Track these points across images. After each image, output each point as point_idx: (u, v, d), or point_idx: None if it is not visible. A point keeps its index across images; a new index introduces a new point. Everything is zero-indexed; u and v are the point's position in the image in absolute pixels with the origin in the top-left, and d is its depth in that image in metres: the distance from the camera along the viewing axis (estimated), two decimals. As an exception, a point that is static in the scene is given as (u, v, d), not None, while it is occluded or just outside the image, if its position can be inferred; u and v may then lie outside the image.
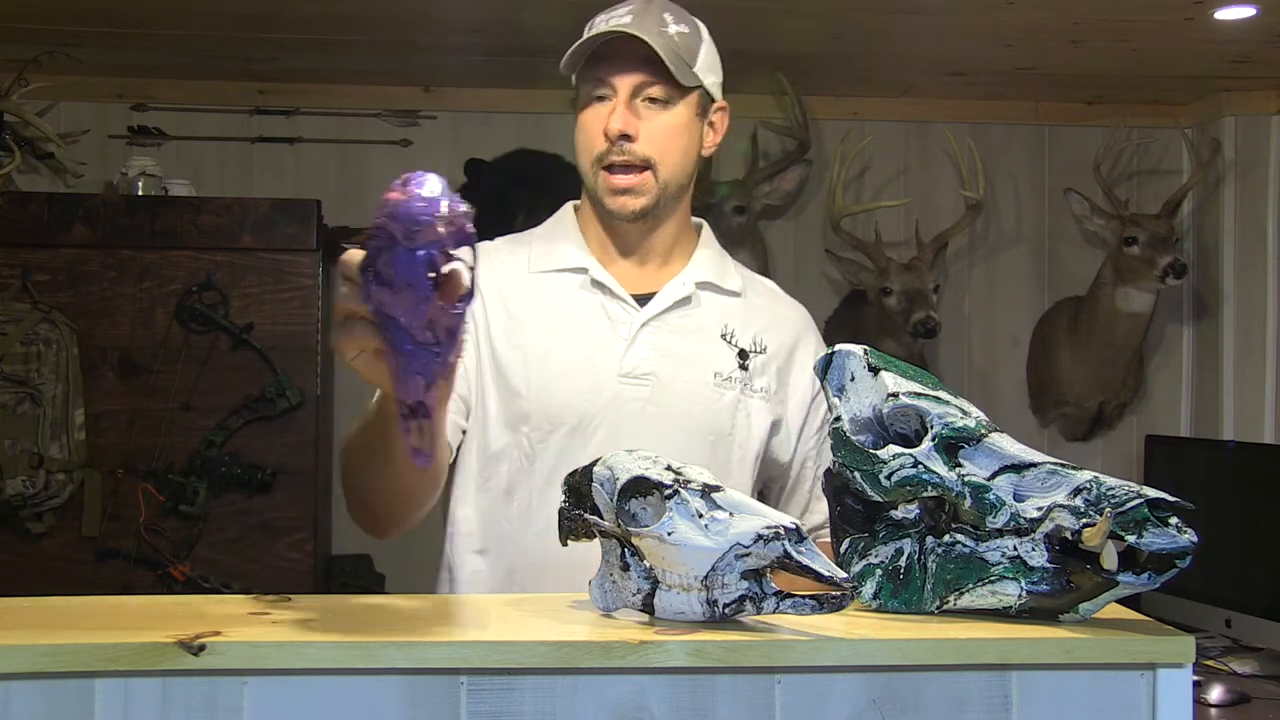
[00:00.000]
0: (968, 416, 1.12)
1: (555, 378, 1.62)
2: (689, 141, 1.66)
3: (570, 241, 1.71)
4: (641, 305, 1.66)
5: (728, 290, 1.72)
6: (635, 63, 1.60)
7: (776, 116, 3.57)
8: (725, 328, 1.69)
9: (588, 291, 1.67)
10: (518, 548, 1.63)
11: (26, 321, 2.95)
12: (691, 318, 1.68)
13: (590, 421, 1.60)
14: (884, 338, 3.44)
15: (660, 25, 1.61)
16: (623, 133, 1.59)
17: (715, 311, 1.70)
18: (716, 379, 1.65)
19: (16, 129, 3.16)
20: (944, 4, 2.78)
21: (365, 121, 3.62)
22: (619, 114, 1.60)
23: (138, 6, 2.84)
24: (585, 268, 1.67)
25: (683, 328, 1.67)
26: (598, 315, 1.65)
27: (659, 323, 1.66)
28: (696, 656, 1.02)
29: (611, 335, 1.64)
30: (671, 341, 1.65)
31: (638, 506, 1.09)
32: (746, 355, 1.68)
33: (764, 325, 1.72)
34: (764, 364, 1.69)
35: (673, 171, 1.64)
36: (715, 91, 1.69)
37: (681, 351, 1.65)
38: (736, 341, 1.68)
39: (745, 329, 1.70)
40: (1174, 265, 3.34)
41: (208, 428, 3.04)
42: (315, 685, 1.02)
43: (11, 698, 1.00)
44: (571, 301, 1.66)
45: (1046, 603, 1.09)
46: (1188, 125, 3.75)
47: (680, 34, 1.62)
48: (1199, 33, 2.92)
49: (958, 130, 3.63)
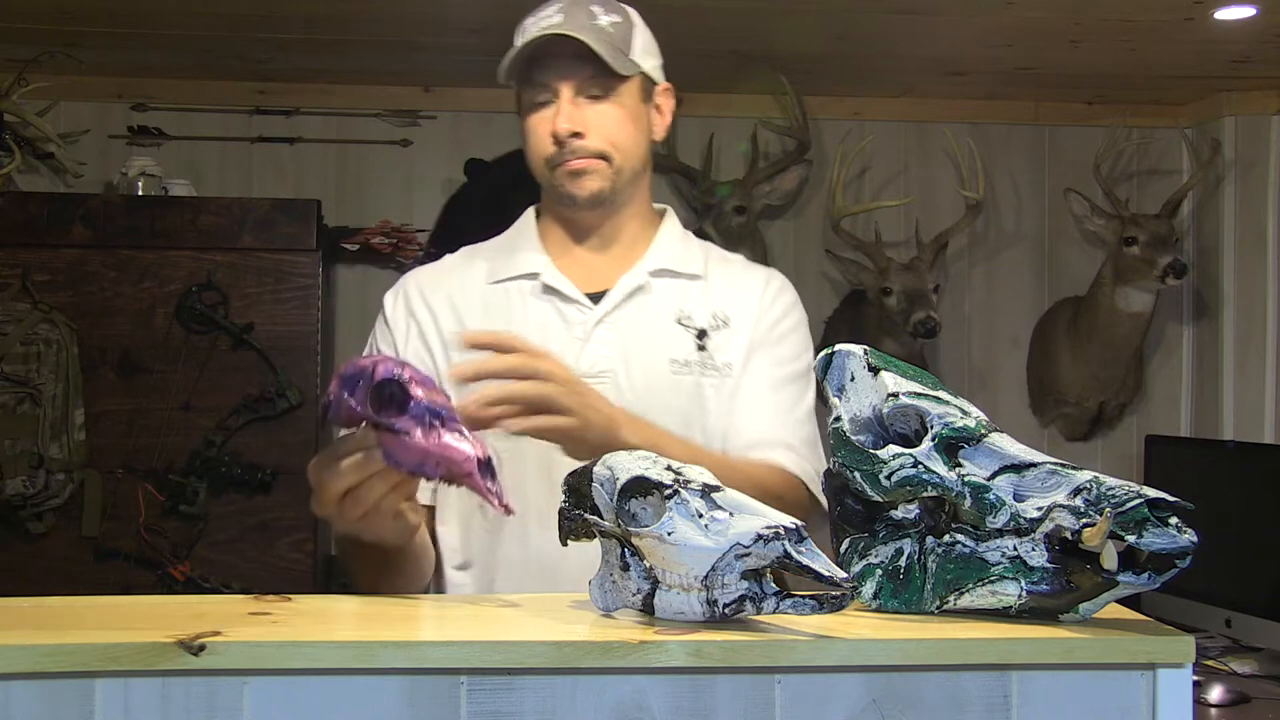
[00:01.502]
0: (968, 416, 1.12)
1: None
2: (637, 129, 1.65)
3: (527, 247, 1.71)
4: (597, 303, 1.66)
5: (686, 274, 1.70)
6: (572, 61, 1.59)
7: (776, 116, 3.57)
8: (681, 311, 1.67)
9: (541, 297, 1.66)
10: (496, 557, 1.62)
11: (26, 321, 2.95)
12: (646, 308, 1.66)
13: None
14: (884, 338, 3.45)
15: (590, 19, 1.60)
16: (572, 132, 1.60)
17: (670, 297, 1.68)
18: (674, 366, 1.63)
19: (16, 129, 3.17)
20: (944, 4, 2.78)
21: (365, 121, 3.62)
22: (564, 114, 1.60)
23: (138, 6, 2.85)
24: (537, 272, 1.67)
25: (638, 319, 1.65)
26: (553, 319, 1.65)
27: (613, 318, 1.65)
28: (696, 656, 1.02)
29: (567, 337, 1.63)
30: (627, 335, 1.64)
31: (638, 506, 1.09)
32: (705, 334, 1.66)
33: (727, 299, 1.69)
34: (728, 338, 1.66)
35: (626, 159, 1.64)
36: (657, 75, 1.68)
37: (638, 344, 1.64)
38: (693, 323, 1.66)
39: (703, 308, 1.67)
40: (1174, 265, 3.34)
41: (208, 428, 3.04)
42: (315, 685, 1.02)
43: (11, 698, 1.00)
44: (527, 308, 1.66)
45: (1046, 603, 1.09)
46: (1188, 125, 3.75)
47: (613, 24, 1.62)
48: (1199, 33, 2.92)
49: (958, 130, 3.63)
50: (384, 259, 3.47)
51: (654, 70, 1.68)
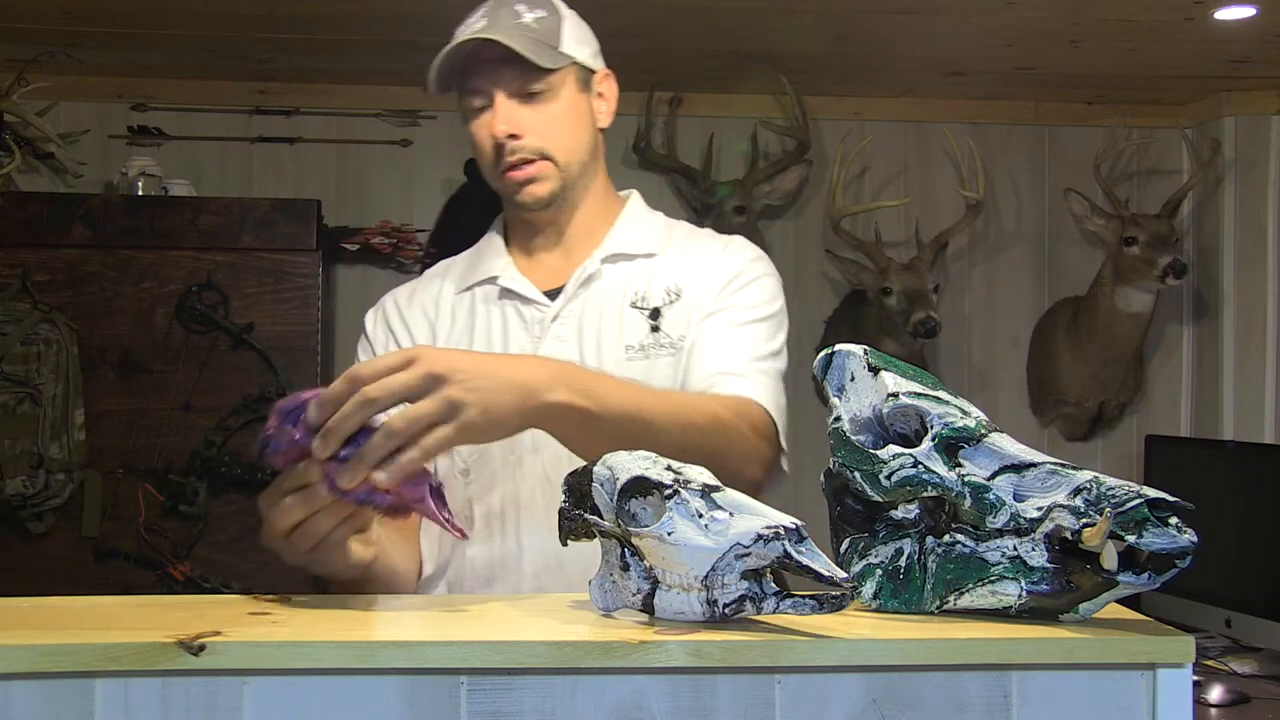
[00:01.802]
0: (968, 416, 1.12)
1: None
2: (578, 121, 1.65)
3: (491, 253, 1.72)
4: (555, 299, 1.66)
5: (640, 254, 1.68)
6: (499, 64, 1.59)
7: (776, 116, 3.57)
8: (635, 294, 1.65)
9: (501, 300, 1.67)
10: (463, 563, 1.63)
11: (26, 321, 2.95)
12: (598, 296, 1.65)
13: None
14: (884, 338, 3.45)
15: (514, 19, 1.60)
16: (509, 134, 1.59)
17: (623, 281, 1.66)
18: (629, 352, 1.61)
19: (16, 129, 3.17)
20: (944, 4, 2.78)
21: (365, 121, 3.62)
22: (500, 117, 1.60)
23: (138, 6, 2.85)
24: (496, 276, 1.68)
25: (592, 310, 1.64)
26: (513, 321, 1.66)
27: (569, 313, 1.64)
28: (696, 656, 1.02)
29: (527, 338, 1.64)
30: (583, 328, 1.63)
31: (638, 506, 1.09)
32: (658, 313, 1.63)
33: (680, 270, 1.66)
34: (681, 310, 1.63)
35: (569, 154, 1.63)
36: (593, 62, 1.67)
37: (593, 335, 1.63)
38: (647, 303, 1.64)
39: (656, 285, 1.65)
40: (1174, 265, 3.34)
41: (208, 428, 3.05)
42: (315, 685, 1.02)
43: (11, 698, 1.00)
44: (490, 313, 1.67)
45: (1046, 603, 1.09)
46: (1188, 125, 3.76)
47: (537, 19, 1.61)
48: (1199, 33, 2.92)
49: (958, 130, 3.63)
50: (384, 259, 3.47)
51: (589, 58, 1.67)
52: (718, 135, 3.63)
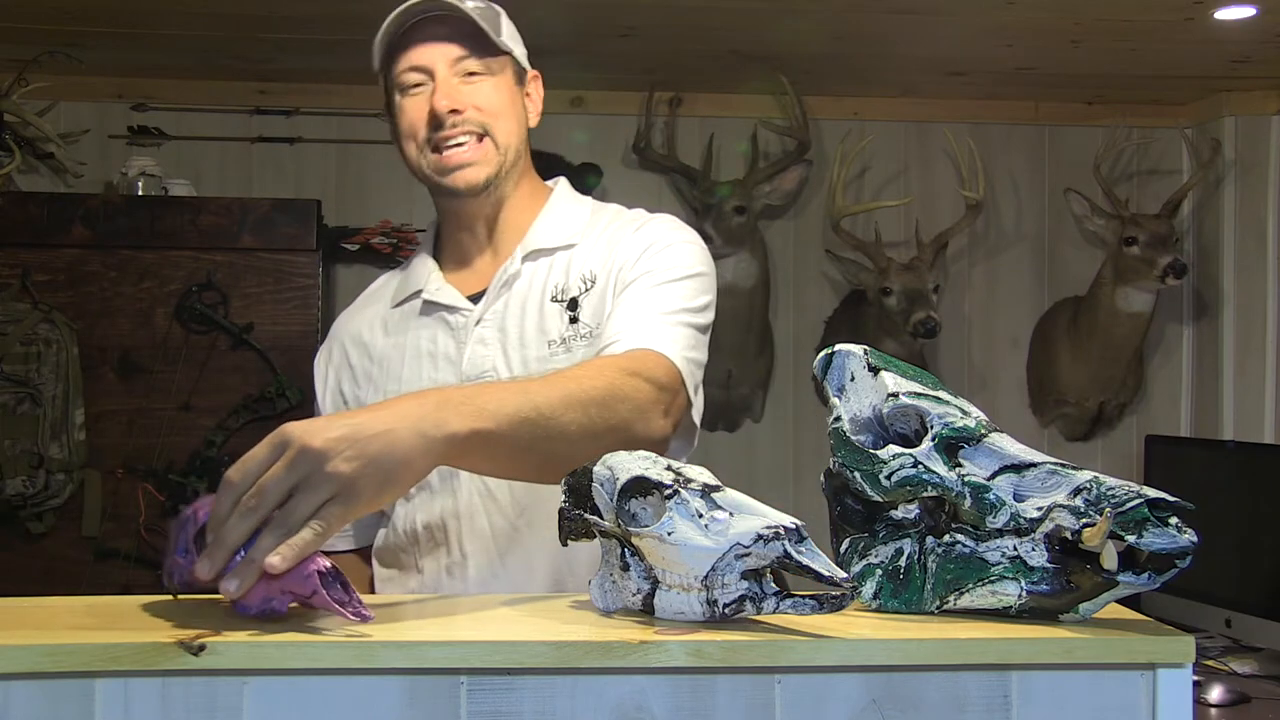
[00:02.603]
0: (968, 416, 1.12)
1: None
2: (516, 108, 1.64)
3: (419, 264, 1.71)
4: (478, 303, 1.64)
5: (560, 246, 1.65)
6: (445, 40, 1.57)
7: (776, 116, 3.57)
8: (555, 288, 1.62)
9: (428, 312, 1.67)
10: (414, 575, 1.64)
11: (26, 321, 2.95)
12: (519, 295, 1.63)
13: None
14: (884, 338, 3.45)
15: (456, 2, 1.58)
16: (451, 108, 1.56)
17: (541, 276, 1.64)
18: (551, 347, 1.59)
19: (16, 129, 3.17)
20: (944, 4, 2.78)
21: (365, 121, 3.62)
22: (442, 90, 1.57)
23: (138, 6, 2.85)
24: (421, 289, 1.67)
25: (514, 309, 1.63)
26: (441, 332, 1.65)
27: (491, 315, 1.63)
28: (696, 656, 1.02)
29: (453, 345, 1.63)
30: (505, 328, 1.62)
31: (638, 506, 1.09)
32: (576, 303, 1.61)
33: (595, 255, 1.63)
34: (596, 295, 1.60)
35: (508, 137, 1.62)
36: (525, 62, 1.67)
37: (515, 334, 1.61)
38: (565, 295, 1.61)
39: (573, 274, 1.62)
40: (1174, 265, 3.34)
41: (208, 428, 3.05)
42: (315, 685, 1.02)
43: (11, 698, 1.00)
44: (419, 325, 1.67)
45: (1046, 603, 1.09)
46: (1188, 125, 3.76)
47: (477, 7, 1.60)
48: (1199, 33, 2.92)
49: (958, 130, 3.63)
50: (384, 259, 3.47)
51: (522, 58, 1.66)
52: (718, 135, 3.63)
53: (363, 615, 1.05)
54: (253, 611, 1.09)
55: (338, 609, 1.05)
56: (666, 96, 3.64)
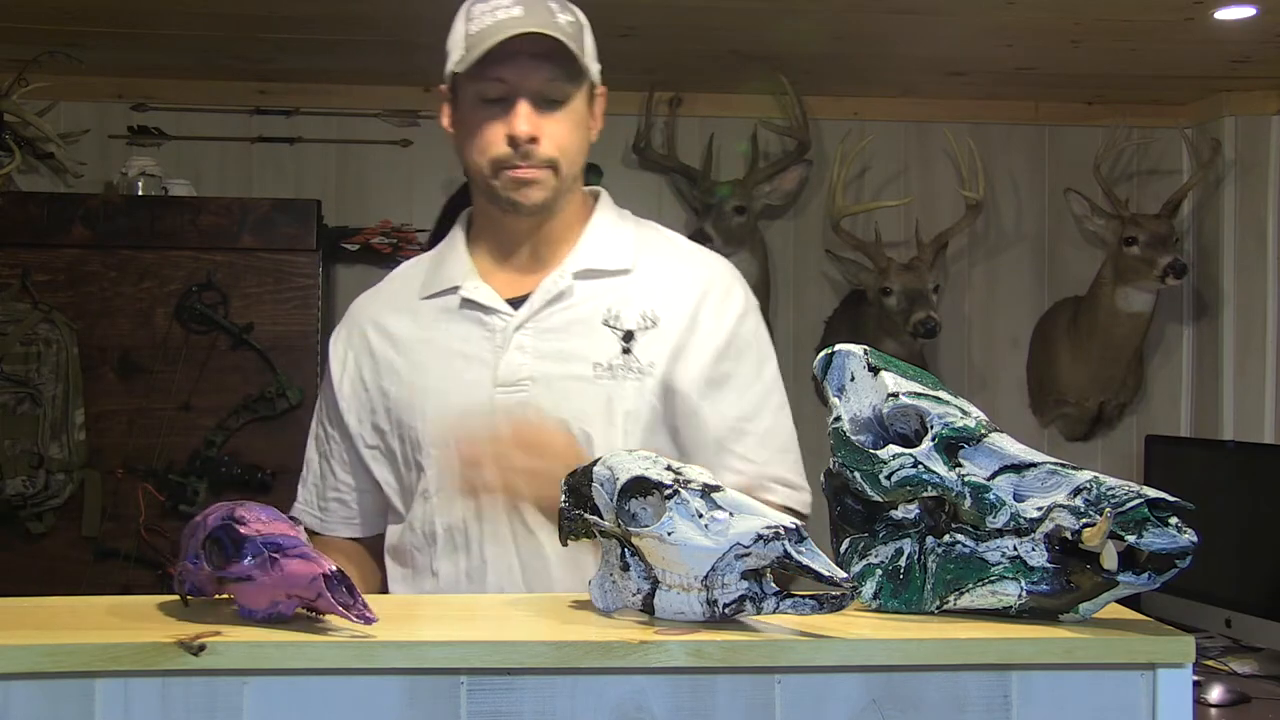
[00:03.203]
0: (968, 416, 1.12)
1: (437, 402, 1.61)
2: (584, 135, 1.63)
3: (454, 258, 1.69)
4: (518, 308, 1.62)
5: (613, 270, 1.64)
6: (533, 60, 1.54)
7: (776, 116, 3.57)
8: (608, 312, 1.61)
9: (464, 310, 1.64)
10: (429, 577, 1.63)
11: (26, 321, 2.95)
12: (570, 311, 1.62)
13: (474, 438, 1.57)
14: (884, 338, 3.44)
15: (551, 16, 1.55)
16: (531, 136, 1.55)
17: (596, 297, 1.63)
18: (597, 370, 1.59)
19: (16, 129, 3.17)
20: (944, 4, 2.78)
21: (365, 121, 3.62)
22: (524, 116, 1.55)
23: (138, 6, 2.84)
24: (458, 285, 1.65)
25: (560, 323, 1.61)
26: (475, 332, 1.63)
27: (534, 324, 1.61)
28: (696, 656, 1.02)
29: (489, 347, 1.61)
30: (549, 340, 1.61)
31: (638, 506, 1.09)
32: (632, 336, 1.60)
33: (656, 296, 1.62)
34: (655, 338, 1.60)
35: (571, 167, 1.61)
36: (597, 78, 1.65)
37: (560, 348, 1.60)
38: (620, 324, 1.61)
39: (631, 307, 1.61)
40: (1174, 265, 3.34)
41: (208, 428, 3.05)
42: (315, 685, 1.02)
43: (11, 698, 1.00)
44: (451, 321, 1.64)
45: (1046, 603, 1.09)
46: (1188, 125, 3.75)
47: (569, 23, 1.58)
48: (1199, 33, 2.92)
49: (958, 130, 3.63)
50: (384, 259, 3.46)
51: (597, 74, 1.64)
52: (718, 135, 3.62)
53: (367, 618, 1.05)
54: (259, 616, 1.09)
55: (342, 612, 1.05)
56: (666, 96, 3.64)
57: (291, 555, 1.08)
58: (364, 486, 1.72)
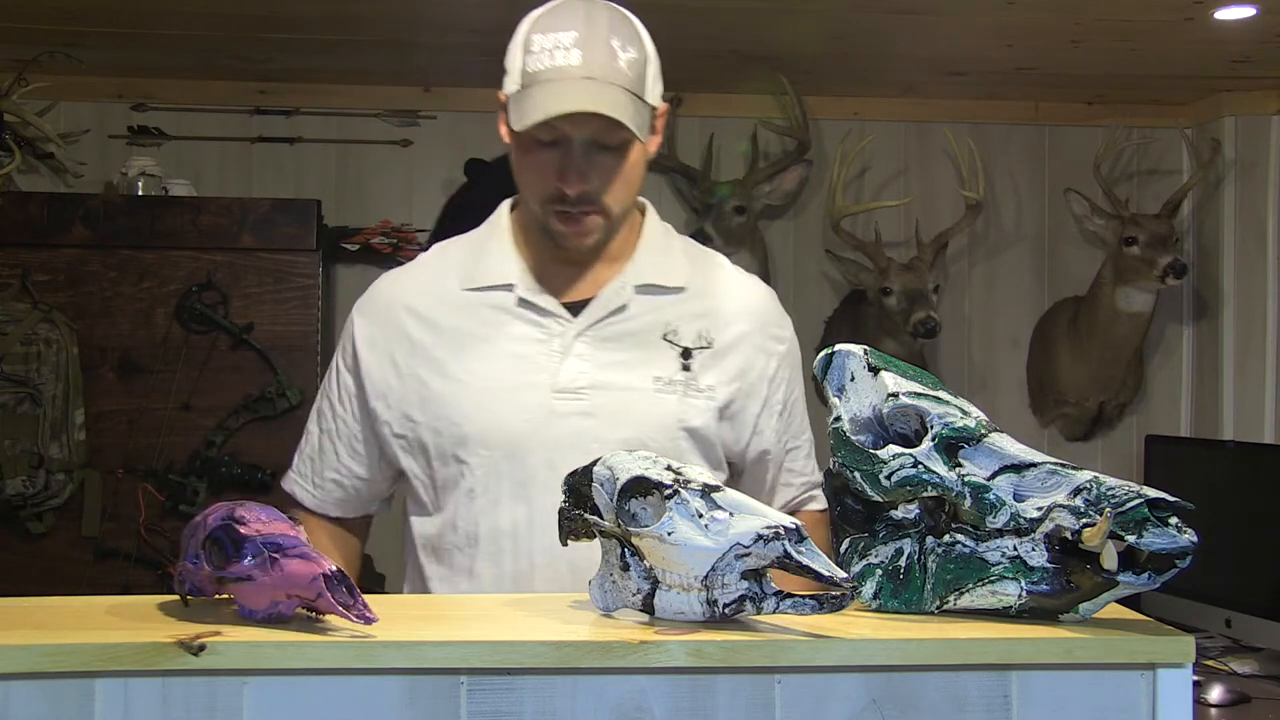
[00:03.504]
0: (968, 416, 1.12)
1: (488, 401, 1.58)
2: (640, 173, 1.60)
3: (501, 253, 1.64)
4: (575, 314, 1.60)
5: (670, 288, 1.64)
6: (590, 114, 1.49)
7: (776, 116, 3.57)
8: (667, 327, 1.61)
9: (517, 309, 1.61)
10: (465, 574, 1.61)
11: (26, 321, 2.95)
12: (630, 322, 1.61)
13: (527, 440, 1.56)
14: (884, 338, 3.44)
15: (611, 58, 1.50)
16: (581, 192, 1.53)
17: (655, 312, 1.62)
18: (658, 384, 1.58)
19: (16, 129, 3.17)
20: (944, 4, 2.78)
21: (365, 121, 3.62)
22: (576, 169, 1.52)
23: (138, 6, 2.84)
24: (512, 284, 1.61)
25: (620, 334, 1.60)
26: (530, 332, 1.60)
27: (594, 332, 1.60)
28: (696, 656, 1.02)
29: (545, 351, 1.59)
30: (609, 350, 1.59)
31: (638, 506, 1.09)
32: (690, 354, 1.61)
33: (710, 318, 1.63)
34: (711, 360, 1.61)
35: (621, 205, 1.59)
36: (659, 101, 1.61)
37: (620, 359, 1.59)
38: (679, 340, 1.61)
39: (688, 325, 1.62)
40: (1174, 265, 3.34)
41: (208, 428, 3.05)
42: (315, 685, 1.02)
43: (11, 698, 1.00)
44: (502, 320, 1.61)
45: (1046, 603, 1.09)
46: (1188, 125, 3.75)
47: (630, 61, 1.53)
48: (1199, 33, 2.92)
49: (958, 130, 3.63)
50: (384, 259, 3.46)
51: (659, 99, 1.61)
52: (718, 135, 3.63)
53: (367, 618, 1.05)
54: (259, 616, 1.09)
55: (342, 612, 1.05)
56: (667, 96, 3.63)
57: (291, 555, 1.08)
58: (369, 476, 1.68)
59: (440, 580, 1.63)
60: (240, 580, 1.09)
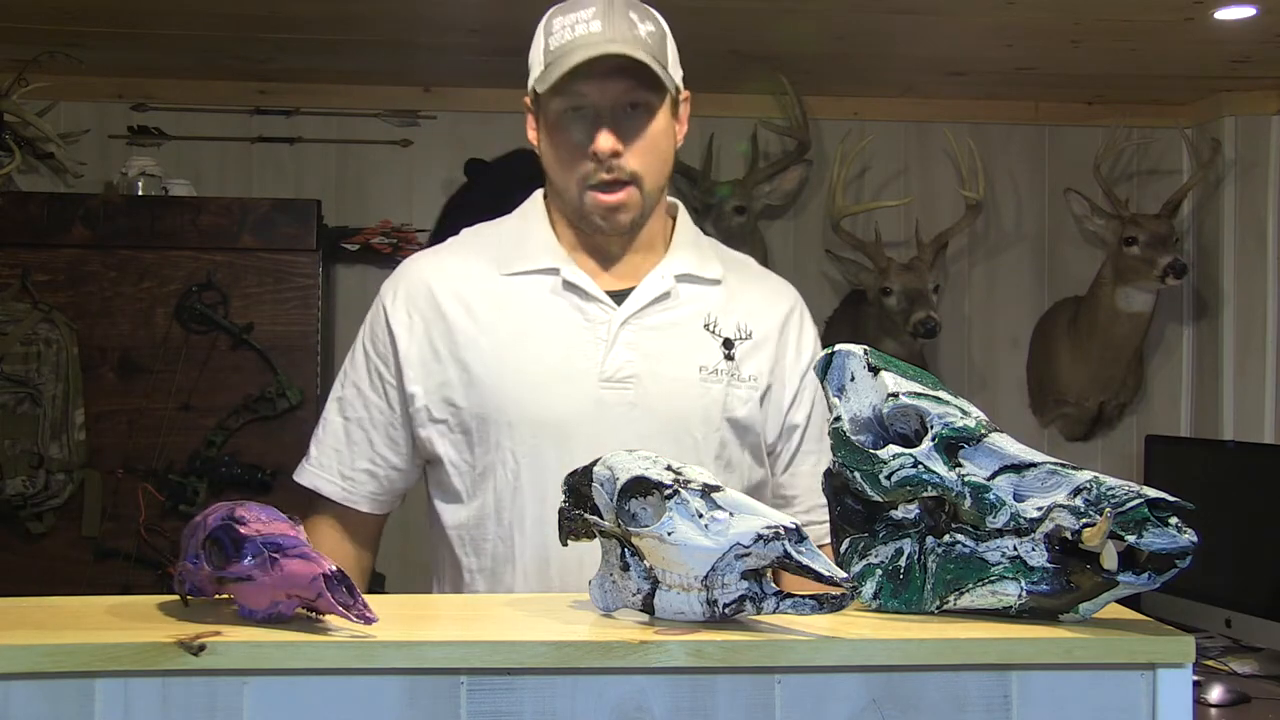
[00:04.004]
0: (968, 416, 1.12)
1: (534, 388, 1.57)
2: (669, 145, 1.61)
3: (540, 239, 1.64)
4: (618, 302, 1.61)
5: (708, 279, 1.66)
6: (613, 73, 1.53)
7: (776, 116, 3.57)
8: (708, 317, 1.63)
9: (561, 293, 1.61)
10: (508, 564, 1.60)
11: (26, 321, 2.95)
12: (672, 312, 1.62)
13: (574, 429, 1.55)
14: (884, 338, 3.44)
15: (631, 29, 1.54)
16: (614, 150, 1.54)
17: (696, 302, 1.64)
18: (703, 373, 1.60)
19: (16, 129, 3.16)
20: (944, 4, 2.78)
21: (365, 121, 3.62)
22: (607, 132, 1.54)
23: (138, 6, 2.84)
24: (557, 268, 1.61)
25: (664, 323, 1.61)
26: (573, 317, 1.60)
27: (638, 320, 1.60)
28: (696, 656, 1.02)
29: (590, 337, 1.59)
30: (653, 339, 1.60)
31: (638, 506, 1.09)
32: (731, 344, 1.62)
33: (748, 310, 1.66)
34: (750, 350, 1.63)
35: (656, 180, 1.60)
36: (680, 85, 1.64)
37: (664, 348, 1.60)
38: (720, 331, 1.63)
39: (728, 316, 1.64)
40: (1174, 265, 3.34)
41: (208, 428, 3.05)
42: (315, 685, 1.02)
43: (11, 698, 1.00)
44: (545, 305, 1.61)
45: (1046, 603, 1.09)
46: (1188, 125, 3.75)
47: (650, 34, 1.56)
48: (1199, 33, 2.92)
49: (958, 130, 3.63)
50: (384, 259, 3.46)
51: (680, 81, 1.63)
52: (718, 135, 3.62)
53: (367, 618, 1.05)
54: (259, 616, 1.09)
55: (342, 612, 1.05)
56: (667, 96, 3.64)
57: (291, 555, 1.08)
58: (404, 465, 1.66)
59: (481, 573, 1.61)
60: (240, 580, 1.09)
